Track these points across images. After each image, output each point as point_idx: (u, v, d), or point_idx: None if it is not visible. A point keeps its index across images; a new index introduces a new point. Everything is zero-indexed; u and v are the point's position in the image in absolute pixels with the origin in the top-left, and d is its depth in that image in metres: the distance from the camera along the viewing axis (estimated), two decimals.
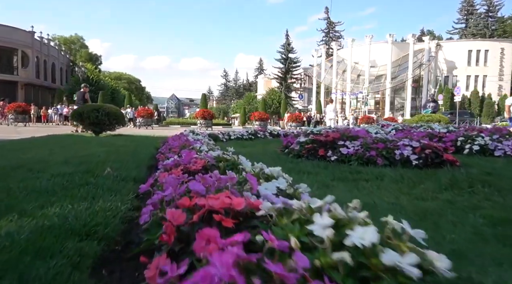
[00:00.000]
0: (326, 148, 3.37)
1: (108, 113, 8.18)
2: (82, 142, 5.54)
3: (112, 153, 3.83)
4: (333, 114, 16.77)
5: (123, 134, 9.27)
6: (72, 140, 6.14)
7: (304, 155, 3.57)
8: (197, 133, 5.42)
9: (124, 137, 7.61)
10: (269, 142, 6.34)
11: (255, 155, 3.80)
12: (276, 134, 7.59)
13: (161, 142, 4.65)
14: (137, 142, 5.88)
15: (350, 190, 2.32)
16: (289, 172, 2.71)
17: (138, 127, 19.86)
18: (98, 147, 4.65)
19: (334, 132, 3.54)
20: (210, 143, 3.04)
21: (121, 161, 3.05)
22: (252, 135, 7.01)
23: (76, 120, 8.19)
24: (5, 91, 37.00)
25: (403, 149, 3.32)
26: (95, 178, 2.29)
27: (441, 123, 10.30)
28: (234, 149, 2.50)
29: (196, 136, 4.70)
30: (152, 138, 7.88)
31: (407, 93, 48.62)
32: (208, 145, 3.01)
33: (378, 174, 2.81)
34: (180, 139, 3.72)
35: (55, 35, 60.07)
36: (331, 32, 72.65)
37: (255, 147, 5.39)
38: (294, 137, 3.91)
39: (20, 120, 18.18)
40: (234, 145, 5.63)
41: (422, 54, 48.98)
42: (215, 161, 1.86)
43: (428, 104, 13.86)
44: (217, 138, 6.07)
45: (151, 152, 3.95)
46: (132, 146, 4.91)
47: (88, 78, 42.26)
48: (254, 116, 21.27)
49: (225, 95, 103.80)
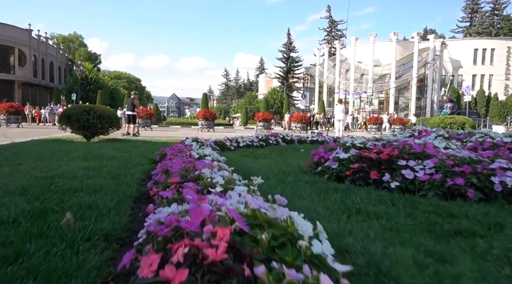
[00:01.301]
0: (380, 169, 2.53)
1: (100, 116, 7.31)
2: (64, 152, 4.68)
3: (93, 171, 2.98)
4: (342, 115, 15.90)
5: (118, 138, 8.40)
6: (55, 148, 5.28)
7: (348, 178, 2.59)
8: (201, 142, 4.55)
9: (117, 144, 6.74)
10: (285, 151, 5.46)
11: (277, 174, 2.93)
12: (290, 139, 6.71)
13: (158, 154, 3.79)
14: (130, 151, 5.01)
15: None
16: (337, 211, 1.84)
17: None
18: (79, 161, 3.80)
19: (387, 145, 2.65)
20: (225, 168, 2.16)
21: (98, 190, 2.21)
22: (263, 142, 6.14)
23: (65, 124, 7.32)
24: (2, 91, 36.17)
25: (501, 175, 2.37)
26: (40, 237, 1.41)
27: (467, 126, 9.42)
28: (247, 161, 1.61)
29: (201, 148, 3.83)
30: (150, 143, 7.02)
31: (412, 93, 47.74)
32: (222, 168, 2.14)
33: (489, 221, 1.86)
34: (182, 155, 2.85)
35: (53, 34, 59.26)
36: (333, 31, 71.73)
37: (271, 159, 4.52)
38: (329, 151, 3.03)
39: (13, 121, 17.32)
40: (245, 155, 4.76)
41: (426, 53, 48.07)
42: (247, 225, 0.97)
43: (445, 104, 12.94)
44: (224, 146, 5.19)
45: (143, 171, 3.10)
46: (122, 159, 4.04)
47: (87, 77, 41.36)
48: (257, 117, 20.40)
49: (226, 95, 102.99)
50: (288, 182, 2.46)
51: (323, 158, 2.92)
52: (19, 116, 17.70)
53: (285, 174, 2.94)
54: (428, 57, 47.81)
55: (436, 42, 47.69)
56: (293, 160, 4.34)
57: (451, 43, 49.26)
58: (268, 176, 2.87)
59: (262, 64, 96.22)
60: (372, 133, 21.60)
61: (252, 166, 3.49)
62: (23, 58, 40.50)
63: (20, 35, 39.93)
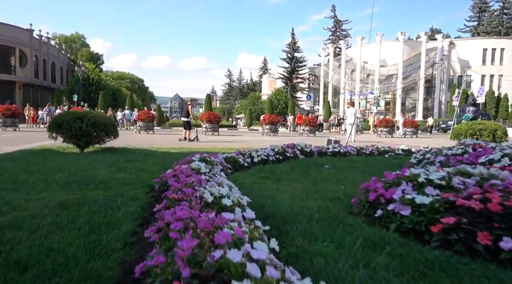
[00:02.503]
0: (491, 227, 1.59)
1: (95, 123, 6.52)
2: (45, 172, 3.88)
3: (68, 213, 2.18)
4: (353, 118, 15.02)
5: (115, 148, 7.60)
6: (37, 165, 4.48)
7: (434, 237, 1.70)
8: (211, 162, 3.73)
9: (114, 156, 5.93)
10: (308, 169, 4.62)
11: (320, 221, 2.11)
12: (309, 152, 5.88)
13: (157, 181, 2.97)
14: (125, 171, 4.19)
15: None
16: None
17: (138, 131, 18.23)
18: (58, 189, 3.00)
19: (486, 184, 1.80)
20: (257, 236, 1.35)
21: (59, 268, 1.40)
22: (280, 155, 5.31)
23: (55, 132, 6.53)
24: (3, 92, 35.58)
25: None
26: None
27: (498, 133, 8.55)
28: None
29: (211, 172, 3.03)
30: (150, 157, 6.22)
31: (419, 94, 46.78)
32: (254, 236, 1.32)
33: None
34: (188, 196, 2.04)
35: (55, 34, 58.74)
36: (338, 30, 70.81)
37: (297, 182, 3.69)
38: (389, 186, 2.20)
39: (9, 124, 16.59)
40: (263, 176, 3.93)
41: (434, 53, 47.08)
42: None
43: (467, 108, 12.06)
44: (236, 162, 4.38)
45: (135, 215, 2.28)
46: (112, 186, 3.22)
47: (89, 78, 40.67)
48: (264, 120, 19.56)
49: (229, 95, 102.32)
50: (349, 248, 1.64)
51: (383, 197, 2.11)
52: (15, 119, 16.97)
53: (330, 220, 2.12)
54: (436, 57, 46.80)
55: (444, 42, 46.67)
56: (326, 185, 3.50)
57: (459, 43, 48.20)
58: (304, 221, 2.05)
59: (265, 64, 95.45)
60: (383, 136, 20.69)
61: (277, 199, 2.67)
62: (24, 59, 39.89)
63: (21, 35, 39.32)
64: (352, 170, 4.76)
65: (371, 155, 6.51)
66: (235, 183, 3.36)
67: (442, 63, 46.87)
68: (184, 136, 12.89)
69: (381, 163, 5.46)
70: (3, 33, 36.94)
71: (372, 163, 5.43)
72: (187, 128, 13.02)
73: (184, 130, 13.14)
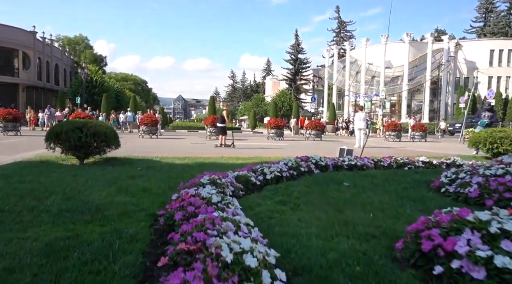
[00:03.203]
0: None
1: (95, 133, 6.13)
2: (36, 195, 3.48)
3: (51, 266, 1.78)
4: (363, 123, 14.57)
5: (117, 157, 7.22)
6: (30, 183, 4.09)
7: None
8: (222, 185, 3.33)
9: (115, 170, 5.54)
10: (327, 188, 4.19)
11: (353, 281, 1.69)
12: (324, 165, 5.45)
13: (162, 213, 2.56)
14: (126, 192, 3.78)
15: None
16: None
17: (142, 136, 17.86)
18: (47, 221, 2.59)
19: None
20: None
21: None
22: (294, 170, 4.90)
23: (53, 142, 6.15)
24: (6, 94, 35.44)
25: None
26: None
27: None
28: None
29: (224, 201, 2.63)
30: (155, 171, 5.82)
31: (425, 96, 46.17)
32: None
33: None
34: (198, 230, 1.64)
35: (59, 36, 58.74)
36: (342, 31, 70.32)
37: (317, 208, 3.24)
38: (448, 232, 1.77)
39: (10, 128, 16.29)
40: (279, 200, 3.51)
41: (440, 54, 46.49)
42: None
43: (482, 112, 11.54)
44: (248, 182, 3.97)
45: (136, 270, 1.86)
46: (110, 217, 2.81)
47: (92, 80, 40.48)
48: (269, 124, 19.15)
49: (232, 97, 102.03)
50: None
51: (442, 249, 1.69)
52: (17, 123, 16.67)
53: (378, 279, 1.70)
54: (442, 58, 46.20)
55: (450, 43, 46.05)
56: (352, 213, 3.08)
57: (465, 44, 47.56)
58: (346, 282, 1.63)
59: (269, 65, 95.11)
60: (391, 140, 20.19)
61: (303, 240, 2.26)
62: (27, 61, 39.78)
63: (24, 37, 39.21)
64: (374, 189, 4.33)
65: (389, 167, 6.07)
66: (250, 213, 2.94)
67: (449, 64, 46.27)
68: (220, 142, 12.74)
69: (403, 179, 5.03)
70: (6, 35, 36.82)
71: (393, 179, 5.00)
72: (223, 134, 12.82)
73: (220, 136, 12.98)
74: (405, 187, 4.45)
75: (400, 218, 3.01)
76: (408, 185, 4.57)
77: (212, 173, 3.81)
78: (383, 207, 3.46)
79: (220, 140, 12.83)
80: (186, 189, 3.20)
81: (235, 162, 7.08)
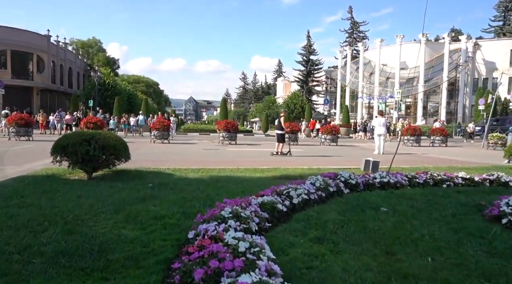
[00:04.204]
0: None
1: (103, 146, 5.70)
2: (34, 226, 3.04)
3: None
4: (383, 129, 13.90)
5: (127, 169, 6.80)
6: (28, 208, 3.65)
7: None
8: (246, 220, 2.82)
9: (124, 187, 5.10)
10: (364, 216, 3.62)
11: None
12: (354, 184, 4.89)
13: (177, 269, 2.06)
14: (136, 221, 3.31)
15: None
16: None
17: (153, 141, 17.54)
18: (41, 271, 2.12)
19: None
20: None
21: None
22: (322, 191, 4.35)
23: (59, 155, 5.76)
24: (21, 97, 35.82)
25: None
26: None
27: None
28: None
29: (252, 249, 2.12)
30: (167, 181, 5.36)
31: (442, 97, 44.81)
32: None
33: None
34: None
35: (72, 39, 59.38)
36: (355, 32, 69.28)
37: (362, 249, 2.70)
38: None
39: (22, 134, 16.16)
40: (312, 237, 2.97)
41: (458, 55, 45.12)
42: None
43: None
44: (274, 209, 3.45)
45: None
46: (116, 259, 2.33)
47: (104, 83, 40.61)
48: None
49: (243, 98, 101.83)
50: None
51: None
52: (29, 128, 16.53)
53: None
54: (460, 59, 44.83)
55: (468, 43, 44.64)
56: (406, 257, 2.53)
57: (484, 44, 46.04)
58: None
59: (280, 67, 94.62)
60: (409, 145, 19.37)
61: None
62: (41, 64, 40.19)
63: (39, 41, 39.64)
64: (417, 216, 3.75)
65: (425, 185, 5.46)
66: (284, 259, 2.42)
67: (467, 65, 44.86)
68: (276, 150, 12.12)
69: (447, 202, 4.42)
70: (21, 40, 37.26)
71: (436, 202, 4.40)
72: (281, 141, 12.20)
73: (276, 144, 12.30)
74: (454, 214, 3.86)
75: (467, 267, 2.44)
76: (456, 211, 3.97)
77: (233, 201, 3.30)
78: (439, 245, 2.89)
79: (277, 147, 12.22)
80: (205, 225, 2.70)
81: (253, 176, 6.57)
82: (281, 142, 12.21)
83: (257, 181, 5.83)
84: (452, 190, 5.20)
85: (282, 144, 12.21)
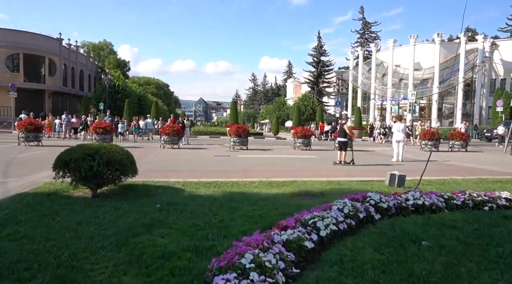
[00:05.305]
0: None
1: (108, 161, 5.27)
2: (20, 271, 2.59)
3: None
4: (402, 135, 13.24)
5: (134, 184, 6.37)
6: (20, 243, 3.22)
7: None
8: (270, 270, 2.32)
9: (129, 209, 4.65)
10: (407, 255, 3.07)
11: None
12: (386, 208, 4.34)
13: None
14: (141, 263, 2.83)
15: None
16: None
17: (163, 146, 17.18)
18: None
19: None
20: None
21: None
22: (352, 219, 3.82)
23: (62, 171, 5.34)
24: (33, 100, 36.04)
25: None
26: None
27: None
28: None
29: None
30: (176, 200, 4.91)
31: (458, 99, 43.53)
32: None
33: None
34: None
35: (84, 42, 59.87)
36: (367, 33, 68.24)
37: None
38: None
39: (32, 139, 15.99)
40: (345, 278, 2.45)
41: (474, 55, 43.80)
42: None
43: None
44: (301, 247, 2.94)
45: None
46: None
47: (115, 86, 40.64)
48: (296, 133, 18.04)
49: (253, 100, 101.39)
50: None
51: None
52: (38, 133, 16.36)
53: None
54: (476, 59, 43.52)
55: (485, 42, 43.30)
56: None
57: (502, 44, 44.61)
58: None
59: (290, 68, 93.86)
60: (427, 150, 18.56)
61: None
62: (53, 67, 40.45)
63: (51, 44, 39.91)
64: (469, 255, 3.18)
65: (464, 207, 4.86)
66: None
67: (484, 65, 43.52)
68: (339, 159, 11.50)
69: (498, 232, 3.83)
70: (33, 43, 37.55)
71: (484, 232, 3.82)
72: (344, 149, 11.58)
73: (339, 152, 11.73)
74: (511, 253, 3.28)
75: None
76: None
77: (253, 239, 2.79)
78: None
79: (340, 156, 11.57)
80: (222, 281, 2.19)
81: (269, 192, 6.07)
82: (343, 150, 11.59)
83: (275, 200, 5.32)
84: (498, 214, 4.59)
85: (345, 153, 11.59)
